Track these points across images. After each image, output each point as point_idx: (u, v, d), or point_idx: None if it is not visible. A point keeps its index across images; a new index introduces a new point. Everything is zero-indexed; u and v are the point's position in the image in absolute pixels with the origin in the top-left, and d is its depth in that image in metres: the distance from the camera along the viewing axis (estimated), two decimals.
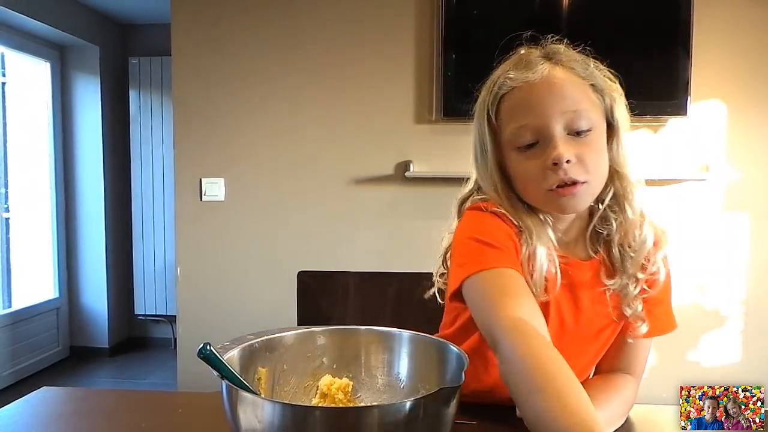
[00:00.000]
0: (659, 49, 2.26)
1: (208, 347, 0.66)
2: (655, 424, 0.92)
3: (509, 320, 0.69)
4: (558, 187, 0.77)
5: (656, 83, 2.25)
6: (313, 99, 2.43)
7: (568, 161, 0.75)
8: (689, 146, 2.30)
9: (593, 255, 0.86)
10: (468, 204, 0.90)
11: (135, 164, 3.74)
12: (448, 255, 0.90)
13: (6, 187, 3.41)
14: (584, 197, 0.79)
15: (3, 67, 3.38)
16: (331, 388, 0.78)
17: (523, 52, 0.85)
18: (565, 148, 0.75)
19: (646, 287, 0.83)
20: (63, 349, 3.67)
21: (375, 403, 0.80)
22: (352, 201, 2.42)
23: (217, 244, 2.50)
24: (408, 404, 0.60)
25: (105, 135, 3.67)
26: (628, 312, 0.84)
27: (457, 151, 2.35)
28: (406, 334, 0.84)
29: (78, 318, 3.75)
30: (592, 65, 0.83)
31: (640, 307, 0.83)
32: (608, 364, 0.92)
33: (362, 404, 0.80)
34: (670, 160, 2.30)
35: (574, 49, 0.85)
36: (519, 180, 0.82)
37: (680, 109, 2.22)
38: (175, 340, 2.68)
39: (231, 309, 2.49)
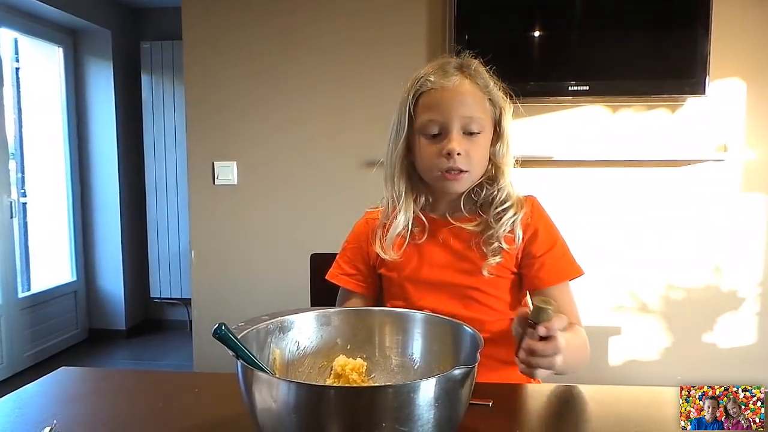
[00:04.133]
0: (678, 26, 2.21)
1: (223, 327, 0.67)
2: (671, 406, 0.92)
3: None
4: (447, 172, 1.00)
5: (675, 61, 2.20)
6: (326, 82, 2.41)
7: (458, 153, 0.98)
8: (707, 126, 2.26)
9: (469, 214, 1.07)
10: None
11: (148, 148, 3.76)
12: None
13: (23, 172, 3.44)
14: (465, 183, 1.03)
15: (16, 53, 3.39)
16: (345, 369, 0.79)
17: (443, 60, 1.05)
18: (458, 143, 0.98)
19: (504, 238, 1.03)
20: (81, 331, 3.73)
21: (389, 383, 0.80)
22: (364, 184, 2.41)
23: (231, 227, 2.52)
24: (422, 384, 0.60)
25: (118, 119, 3.68)
26: (486, 248, 1.02)
27: None
28: (419, 315, 0.84)
29: (95, 301, 3.80)
30: (492, 83, 1.03)
31: (495, 245, 1.02)
32: None
33: (376, 384, 0.81)
34: (688, 140, 2.26)
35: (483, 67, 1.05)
36: (421, 159, 1.03)
37: (699, 88, 2.17)
38: (191, 322, 2.71)
39: (245, 291, 2.51)
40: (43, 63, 3.50)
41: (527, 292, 1.10)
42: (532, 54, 2.29)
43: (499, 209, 1.03)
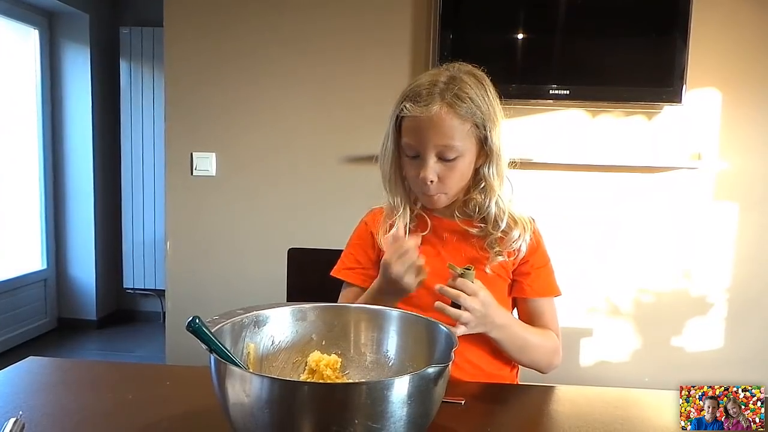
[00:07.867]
0: (657, 36, 2.25)
1: (197, 320, 0.66)
2: (638, 407, 0.94)
3: None
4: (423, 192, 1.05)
5: (653, 70, 2.24)
6: (308, 76, 2.40)
7: (432, 181, 1.02)
8: (682, 134, 2.30)
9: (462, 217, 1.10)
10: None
11: (125, 136, 3.69)
12: None
13: None
14: (441, 202, 1.07)
15: None
16: (320, 365, 0.79)
17: (432, 77, 1.03)
18: (431, 171, 1.01)
19: (506, 251, 1.07)
20: (50, 321, 3.66)
21: (363, 380, 0.80)
22: (343, 179, 2.41)
23: (208, 219, 2.49)
24: (396, 382, 0.61)
25: (94, 106, 3.61)
26: (489, 250, 1.06)
27: None
28: (395, 312, 0.85)
29: (66, 290, 3.73)
30: (480, 102, 1.01)
31: (497, 248, 1.07)
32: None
33: (350, 381, 0.81)
34: (663, 147, 2.31)
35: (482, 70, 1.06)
36: (406, 174, 1.08)
37: (675, 97, 2.21)
38: (164, 314, 2.68)
39: (220, 284, 2.49)
40: (17, 45, 3.41)
41: (514, 300, 1.13)
42: (516, 56, 2.31)
43: (507, 235, 1.07)
